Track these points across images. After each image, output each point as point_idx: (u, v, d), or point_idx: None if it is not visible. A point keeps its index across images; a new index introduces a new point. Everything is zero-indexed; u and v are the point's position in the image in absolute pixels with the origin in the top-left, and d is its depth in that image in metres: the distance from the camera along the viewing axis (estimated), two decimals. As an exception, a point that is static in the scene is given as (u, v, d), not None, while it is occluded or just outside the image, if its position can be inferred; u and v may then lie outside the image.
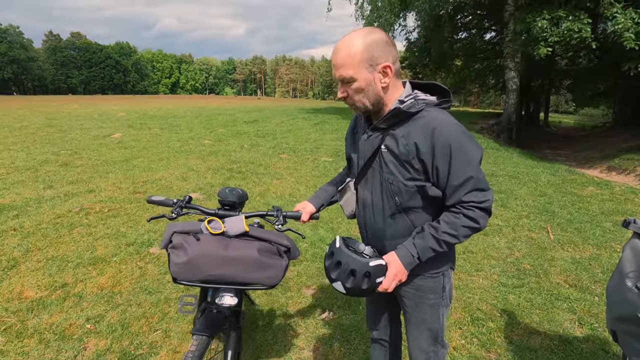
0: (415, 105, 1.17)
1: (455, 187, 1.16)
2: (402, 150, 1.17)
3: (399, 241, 1.27)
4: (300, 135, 11.05)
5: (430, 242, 1.19)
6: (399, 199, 1.22)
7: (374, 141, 1.25)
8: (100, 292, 2.80)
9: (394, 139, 1.20)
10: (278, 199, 5.18)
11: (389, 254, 1.25)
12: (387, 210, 1.26)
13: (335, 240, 1.29)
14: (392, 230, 1.28)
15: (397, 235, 1.28)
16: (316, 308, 2.72)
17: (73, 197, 4.91)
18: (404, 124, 1.19)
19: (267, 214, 1.54)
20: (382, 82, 1.17)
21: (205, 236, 1.32)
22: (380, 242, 1.33)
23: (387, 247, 1.31)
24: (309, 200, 1.63)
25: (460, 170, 1.14)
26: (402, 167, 1.19)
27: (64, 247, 3.47)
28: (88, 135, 10.22)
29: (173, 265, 1.28)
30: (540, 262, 3.40)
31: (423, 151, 1.14)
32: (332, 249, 1.28)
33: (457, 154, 1.13)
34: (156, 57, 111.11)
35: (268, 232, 1.43)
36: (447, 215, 1.20)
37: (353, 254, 1.21)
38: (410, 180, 1.19)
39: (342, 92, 1.21)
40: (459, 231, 1.17)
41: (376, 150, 1.24)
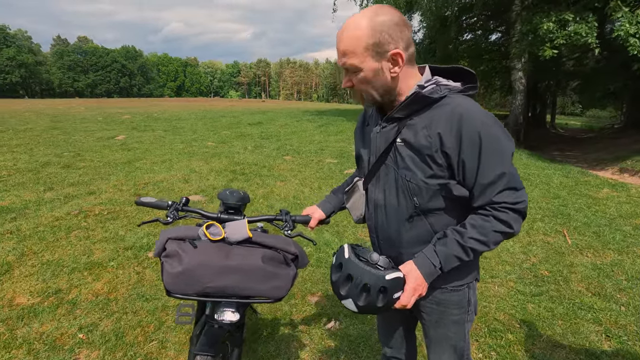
0: (437, 91, 1.02)
1: (484, 186, 0.99)
2: (422, 142, 1.01)
3: (417, 248, 1.11)
4: (304, 137, 10.92)
5: (455, 250, 1.03)
6: (418, 200, 1.06)
7: (388, 133, 1.10)
8: (95, 298, 2.66)
9: (413, 129, 1.04)
10: (282, 201, 5.03)
11: (406, 264, 1.09)
12: (403, 212, 1.10)
13: (344, 249, 1.11)
14: (409, 236, 1.12)
15: (415, 242, 1.12)
16: (321, 317, 2.56)
17: (73, 200, 4.81)
18: (425, 112, 1.03)
19: (275, 219, 1.39)
20: (392, 72, 1.02)
21: (203, 243, 1.17)
22: (394, 250, 1.17)
23: (403, 255, 1.15)
24: (318, 205, 1.47)
25: (490, 165, 0.98)
26: (422, 163, 1.03)
27: (60, 251, 3.34)
28: (92, 137, 10.17)
29: (166, 276, 1.13)
30: (559, 268, 3.21)
31: (447, 143, 0.98)
32: (340, 259, 1.11)
33: (488, 145, 0.97)
34: (162, 60, 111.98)
35: (273, 237, 1.27)
36: (475, 218, 1.03)
37: (366, 266, 1.05)
38: (431, 177, 1.03)
39: (347, 82, 1.06)
40: (489, 237, 1.01)
41: (391, 143, 1.08)
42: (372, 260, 1.08)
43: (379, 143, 1.13)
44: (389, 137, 1.10)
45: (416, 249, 1.11)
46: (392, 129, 1.09)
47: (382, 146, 1.11)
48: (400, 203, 1.10)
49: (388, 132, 1.10)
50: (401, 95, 1.07)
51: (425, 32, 17.88)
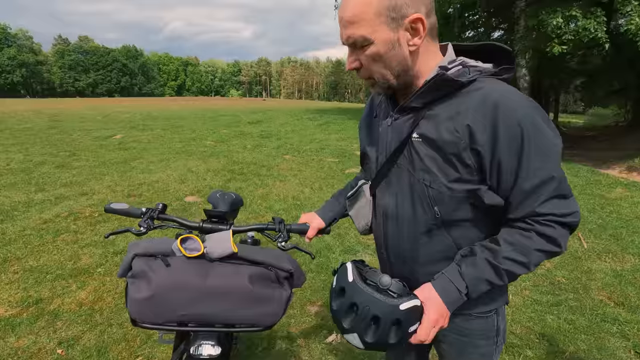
0: (465, 73, 0.81)
1: (526, 193, 0.79)
2: (446, 137, 0.81)
3: (436, 267, 0.91)
4: (305, 136, 10.73)
5: (486, 272, 0.82)
6: (439, 209, 0.86)
7: (401, 127, 0.89)
8: (79, 309, 2.47)
9: (434, 122, 0.83)
10: (281, 202, 4.84)
11: (424, 288, 0.87)
12: (420, 224, 0.89)
13: (347, 270, 0.90)
14: (427, 252, 0.92)
15: (434, 259, 0.92)
16: (322, 329, 2.36)
17: (64, 201, 4.62)
18: (449, 100, 0.82)
19: (266, 228, 1.19)
20: (411, 44, 0.81)
21: (177, 260, 0.97)
22: (407, 268, 0.96)
23: (418, 274, 0.95)
24: (317, 212, 1.27)
25: (535, 166, 0.77)
26: (445, 163, 0.82)
27: (45, 257, 3.15)
28: (89, 136, 10.00)
29: (131, 303, 0.93)
30: (577, 275, 3.00)
31: (479, 138, 0.78)
32: (342, 283, 0.90)
33: (531, 141, 0.76)
34: (162, 60, 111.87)
35: (264, 251, 1.07)
36: (511, 234, 0.83)
37: (375, 293, 0.84)
38: (457, 182, 0.83)
39: (353, 62, 0.85)
40: (531, 257, 0.81)
41: (405, 139, 0.88)
42: (383, 284, 0.86)
43: (390, 139, 0.92)
44: (402, 131, 0.89)
45: (435, 268, 0.91)
46: (407, 122, 0.88)
47: (394, 143, 0.91)
48: (417, 213, 0.89)
49: (401, 126, 0.89)
50: (419, 78, 0.86)
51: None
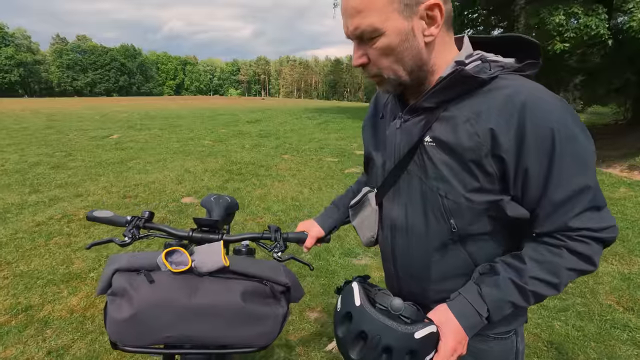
0: (485, 69, 0.72)
1: (557, 204, 0.70)
2: (465, 142, 0.72)
3: (450, 284, 0.82)
4: (304, 135, 10.64)
5: (511, 294, 0.74)
6: (455, 222, 0.77)
7: (412, 129, 0.81)
8: (70, 316, 2.39)
9: (450, 124, 0.74)
10: (279, 202, 4.75)
11: (439, 311, 0.78)
12: (433, 238, 0.81)
13: (352, 292, 0.81)
14: (440, 269, 0.83)
15: (447, 276, 0.83)
16: (322, 336, 2.28)
17: (58, 202, 4.53)
18: (467, 99, 0.73)
19: (261, 237, 1.10)
20: (427, 35, 0.72)
21: (162, 276, 0.88)
22: (417, 285, 0.88)
23: (429, 292, 0.86)
24: (316, 219, 1.18)
25: (568, 175, 0.68)
26: (464, 172, 0.73)
27: (36, 261, 3.07)
28: (85, 136, 9.90)
29: (111, 323, 0.84)
30: (583, 278, 2.92)
31: (504, 143, 0.69)
32: (348, 306, 0.80)
33: (564, 146, 0.67)
34: (161, 59, 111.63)
35: (258, 263, 0.98)
36: (538, 250, 0.74)
37: (386, 320, 0.74)
38: (477, 192, 0.74)
39: (360, 57, 0.76)
40: (561, 277, 0.72)
41: (416, 143, 0.79)
42: (394, 309, 0.76)
43: (399, 143, 0.83)
44: (413, 134, 0.80)
45: (448, 285, 0.82)
46: (418, 124, 0.79)
47: (404, 147, 0.82)
48: (430, 225, 0.80)
49: (412, 128, 0.80)
50: (434, 74, 0.77)
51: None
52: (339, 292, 0.90)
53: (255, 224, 4.02)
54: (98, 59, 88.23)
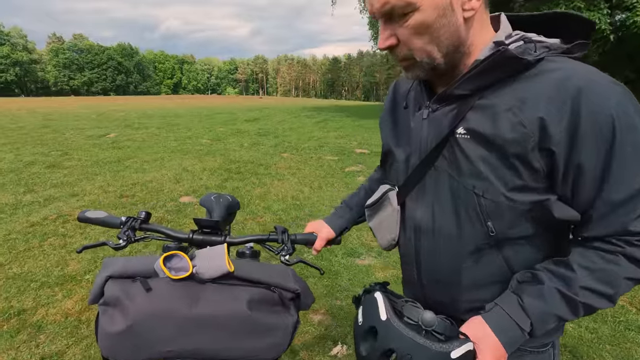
0: (529, 50, 0.63)
1: (615, 205, 0.61)
2: (507, 134, 0.63)
3: (481, 293, 0.74)
4: (303, 133, 10.55)
5: (557, 306, 0.65)
6: (493, 225, 0.68)
7: (441, 120, 0.72)
8: (64, 320, 2.30)
9: (488, 114, 0.66)
10: (280, 201, 4.67)
11: (474, 324, 0.69)
12: (466, 241, 0.72)
13: (376, 303, 0.72)
14: (472, 276, 0.74)
15: (479, 284, 0.74)
16: (326, 340, 2.20)
17: (53, 202, 4.43)
18: (509, 85, 0.65)
19: (267, 239, 1.02)
20: (467, 9, 0.64)
21: (160, 283, 0.79)
22: (446, 294, 0.79)
23: (458, 303, 0.77)
24: (326, 220, 1.10)
25: (631, 171, 0.59)
26: (505, 167, 0.65)
27: (30, 263, 2.97)
28: (82, 135, 9.79)
29: (103, 337, 0.76)
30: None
31: (555, 134, 0.60)
32: (371, 320, 0.71)
33: (626, 138, 0.58)
34: (158, 58, 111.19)
35: (264, 267, 0.89)
36: (588, 256, 0.65)
37: (417, 336, 0.65)
38: (519, 191, 0.65)
39: (388, 38, 0.67)
40: (618, 287, 0.63)
41: (447, 135, 0.70)
42: (426, 323, 0.67)
43: (427, 135, 0.75)
44: (443, 125, 0.71)
45: (480, 294, 0.74)
46: (449, 114, 0.71)
47: (432, 140, 0.74)
48: (462, 227, 0.71)
49: (441, 119, 0.72)
50: (469, 56, 0.69)
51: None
52: (358, 302, 0.82)
53: (256, 224, 3.94)
54: (95, 58, 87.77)
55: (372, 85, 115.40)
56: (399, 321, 0.68)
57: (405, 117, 0.83)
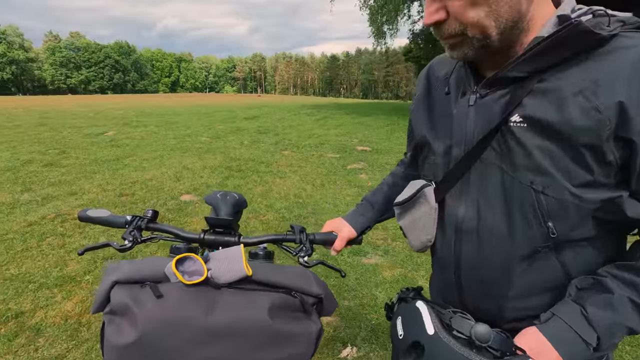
0: (601, 24, 0.55)
1: None
2: (577, 121, 0.56)
3: (533, 301, 0.67)
4: (303, 131, 10.46)
5: (630, 318, 0.58)
6: (555, 226, 0.61)
7: (491, 107, 0.64)
8: (64, 323, 2.22)
9: (552, 98, 0.58)
10: (282, 199, 4.59)
11: (529, 336, 0.62)
12: (521, 244, 0.64)
13: (420, 314, 0.65)
14: (524, 282, 0.66)
15: (533, 291, 0.67)
16: (334, 342, 2.14)
17: (51, 201, 4.34)
18: (576, 64, 0.57)
19: (284, 239, 0.94)
20: None
21: (172, 289, 0.72)
22: (491, 302, 0.71)
23: (505, 311, 0.70)
24: (346, 218, 1.02)
25: None
26: (571, 160, 0.58)
27: (28, 263, 2.89)
28: (80, 133, 9.68)
29: (109, 350, 0.68)
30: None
31: (636, 121, 0.53)
32: (415, 334, 0.64)
33: None
34: (155, 56, 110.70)
35: (283, 270, 0.81)
36: None
37: (470, 352, 0.58)
38: (588, 187, 0.58)
39: (437, 11, 0.60)
40: None
41: (499, 124, 0.63)
42: (480, 338, 0.59)
43: (474, 124, 0.67)
44: (493, 113, 0.64)
45: (531, 302, 0.67)
46: (502, 99, 0.63)
47: (480, 130, 0.66)
48: (516, 228, 0.64)
49: (492, 105, 0.64)
50: (528, 33, 0.61)
51: (425, 22, 17.40)
52: (390, 310, 0.74)
53: (259, 222, 3.86)
54: (92, 56, 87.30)
55: (371, 83, 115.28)
56: (448, 335, 0.60)
57: (445, 104, 0.75)
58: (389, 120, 13.21)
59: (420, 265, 2.99)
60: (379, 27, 18.27)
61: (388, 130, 10.85)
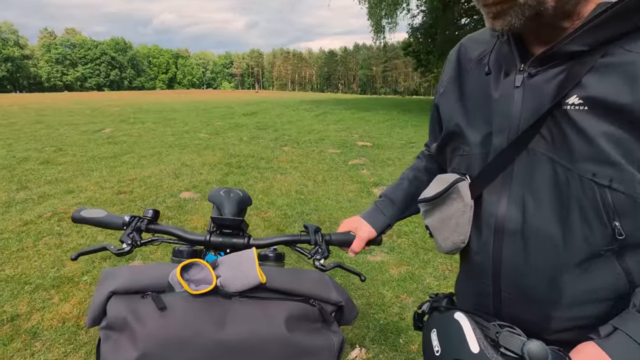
0: None
1: None
2: None
3: (588, 311, 0.59)
4: (302, 127, 10.36)
5: None
6: (622, 225, 0.53)
7: (543, 88, 0.56)
8: (62, 325, 2.14)
9: (620, 74, 0.50)
10: (284, 196, 4.51)
11: (589, 353, 0.53)
12: (577, 247, 0.56)
13: (461, 329, 0.57)
14: (578, 290, 0.58)
15: (588, 300, 0.59)
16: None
17: (48, 200, 4.25)
18: None
19: (298, 240, 0.86)
20: None
21: (177, 300, 0.63)
22: (535, 310, 0.63)
23: (551, 322, 0.62)
24: (364, 216, 0.93)
25: None
26: None
27: (24, 264, 2.81)
28: (76, 130, 9.55)
29: None
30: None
31: None
32: (456, 352, 0.56)
33: None
34: (152, 52, 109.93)
35: (298, 275, 0.73)
36: None
37: None
38: None
39: None
40: None
41: (551, 108, 0.55)
42: (533, 356, 0.51)
43: (520, 108, 0.59)
44: (545, 94, 0.56)
45: (586, 311, 0.59)
46: (555, 79, 0.55)
47: (529, 114, 0.58)
48: (571, 229, 0.56)
49: (543, 86, 0.56)
50: (588, 1, 0.53)
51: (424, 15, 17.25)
52: (420, 320, 0.66)
53: (260, 220, 3.78)
54: (88, 53, 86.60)
55: (369, 79, 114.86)
56: (496, 354, 0.52)
57: (482, 87, 0.66)
58: (388, 116, 13.11)
59: (428, 262, 2.92)
60: (377, 21, 18.11)
61: (388, 125, 10.75)
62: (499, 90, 0.62)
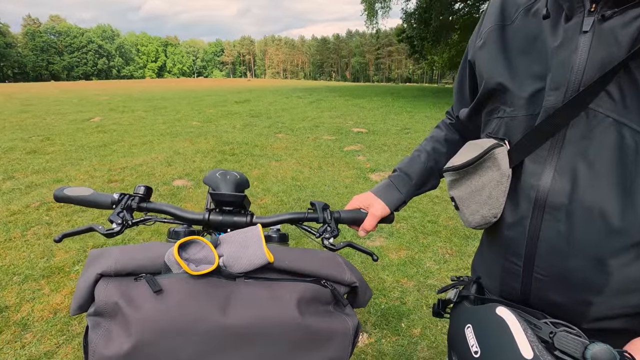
0: None
1: None
2: None
3: (632, 299, 0.53)
4: (296, 114, 10.22)
5: None
6: None
7: (616, 35, 0.47)
8: (53, 317, 2.07)
9: None
10: (279, 183, 4.44)
11: None
12: (638, 228, 0.49)
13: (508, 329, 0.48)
14: (627, 276, 0.52)
15: (634, 288, 0.52)
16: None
17: (35, 189, 4.12)
18: None
19: (305, 217, 0.79)
20: None
21: (175, 281, 0.56)
22: (572, 296, 0.56)
23: (592, 308, 0.55)
24: (375, 192, 0.85)
25: None
26: None
27: (12, 254, 2.71)
28: (64, 119, 9.30)
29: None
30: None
31: None
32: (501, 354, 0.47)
33: None
34: (140, 40, 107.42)
35: (307, 254, 0.66)
36: None
37: None
38: None
39: None
40: None
41: (625, 60, 0.46)
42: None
43: (587, 59, 0.49)
44: (619, 43, 0.47)
45: (630, 300, 0.53)
46: (633, 24, 0.46)
47: (597, 66, 0.49)
48: (635, 207, 0.48)
49: (618, 33, 0.47)
50: None
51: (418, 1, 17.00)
52: (443, 309, 0.59)
53: (256, 207, 3.71)
54: (74, 41, 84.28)
55: (362, 66, 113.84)
56: (551, 356, 0.44)
57: (535, 35, 0.57)
58: (383, 102, 12.99)
59: (427, 246, 2.88)
60: (371, 5, 17.79)
61: (383, 112, 10.65)
62: (558, 37, 0.53)
